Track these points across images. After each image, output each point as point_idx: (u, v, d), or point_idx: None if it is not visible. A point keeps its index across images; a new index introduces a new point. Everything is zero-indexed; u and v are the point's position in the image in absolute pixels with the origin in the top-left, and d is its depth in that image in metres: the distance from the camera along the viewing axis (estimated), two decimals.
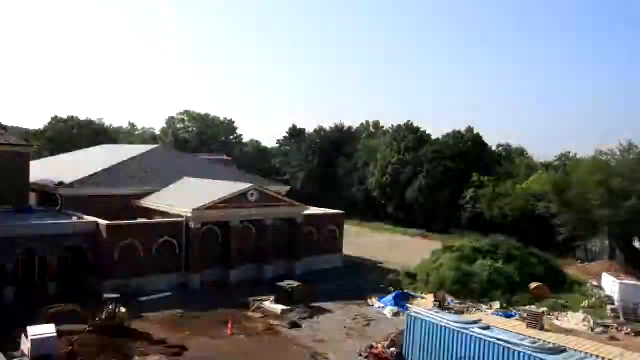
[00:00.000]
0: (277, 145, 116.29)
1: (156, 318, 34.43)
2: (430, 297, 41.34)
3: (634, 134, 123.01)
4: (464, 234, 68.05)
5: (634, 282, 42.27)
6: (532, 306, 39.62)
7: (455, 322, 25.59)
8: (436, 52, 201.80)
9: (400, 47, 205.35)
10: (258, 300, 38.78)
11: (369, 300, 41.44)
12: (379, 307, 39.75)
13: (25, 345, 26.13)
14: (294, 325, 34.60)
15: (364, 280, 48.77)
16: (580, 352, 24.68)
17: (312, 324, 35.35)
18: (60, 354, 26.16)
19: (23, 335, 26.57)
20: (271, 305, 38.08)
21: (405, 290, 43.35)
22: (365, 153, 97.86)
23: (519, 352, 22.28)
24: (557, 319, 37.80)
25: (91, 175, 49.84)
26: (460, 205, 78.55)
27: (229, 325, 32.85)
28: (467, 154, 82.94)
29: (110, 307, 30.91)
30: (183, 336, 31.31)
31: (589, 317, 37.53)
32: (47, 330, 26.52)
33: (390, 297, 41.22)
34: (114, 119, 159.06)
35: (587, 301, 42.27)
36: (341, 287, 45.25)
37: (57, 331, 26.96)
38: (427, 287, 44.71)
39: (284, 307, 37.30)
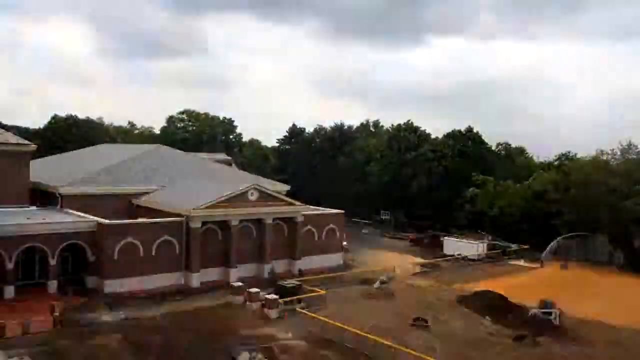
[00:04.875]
0: (277, 144, 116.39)
1: None
2: None
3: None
4: (464, 233, 68.05)
5: None
6: None
7: None
8: (436, 50, 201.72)
9: (399, 46, 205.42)
10: None
11: None
12: None
13: None
14: None
15: None
16: None
17: None
18: None
19: None
20: None
21: None
22: (365, 153, 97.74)
23: None
24: None
25: (91, 175, 49.88)
26: (460, 204, 78.47)
27: None
28: (467, 154, 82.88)
29: None
30: None
31: None
32: None
33: None
34: (114, 119, 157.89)
35: None
36: None
37: None
38: None
39: None
